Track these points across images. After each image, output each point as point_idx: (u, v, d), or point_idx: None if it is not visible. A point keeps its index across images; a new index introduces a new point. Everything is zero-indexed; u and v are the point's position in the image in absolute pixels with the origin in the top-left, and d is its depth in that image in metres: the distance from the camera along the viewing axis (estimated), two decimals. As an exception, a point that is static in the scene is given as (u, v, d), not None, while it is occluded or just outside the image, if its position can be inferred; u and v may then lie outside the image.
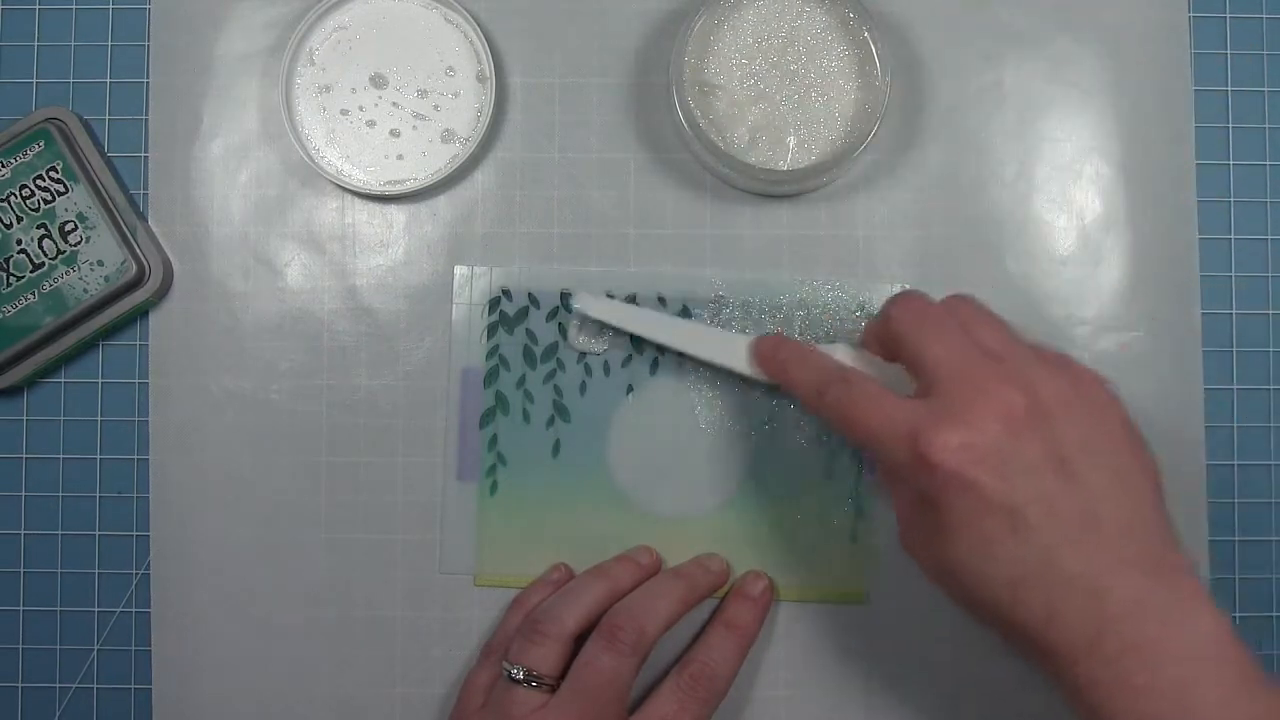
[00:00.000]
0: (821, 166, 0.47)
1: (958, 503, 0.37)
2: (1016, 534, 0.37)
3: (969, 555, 0.38)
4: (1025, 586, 0.37)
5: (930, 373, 0.39)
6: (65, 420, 0.51)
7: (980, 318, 0.41)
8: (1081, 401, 0.39)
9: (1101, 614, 0.36)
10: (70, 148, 0.49)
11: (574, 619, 0.45)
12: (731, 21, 0.48)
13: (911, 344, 0.41)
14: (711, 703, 0.45)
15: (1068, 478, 0.37)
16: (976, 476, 0.37)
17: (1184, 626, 0.36)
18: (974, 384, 0.38)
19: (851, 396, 0.41)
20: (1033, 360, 0.40)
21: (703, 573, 0.48)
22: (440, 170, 0.50)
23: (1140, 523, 0.38)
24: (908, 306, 0.42)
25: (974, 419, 0.37)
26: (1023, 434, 0.37)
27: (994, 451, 0.37)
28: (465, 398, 0.50)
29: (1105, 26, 0.51)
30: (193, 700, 0.50)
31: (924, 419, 0.38)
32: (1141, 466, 0.39)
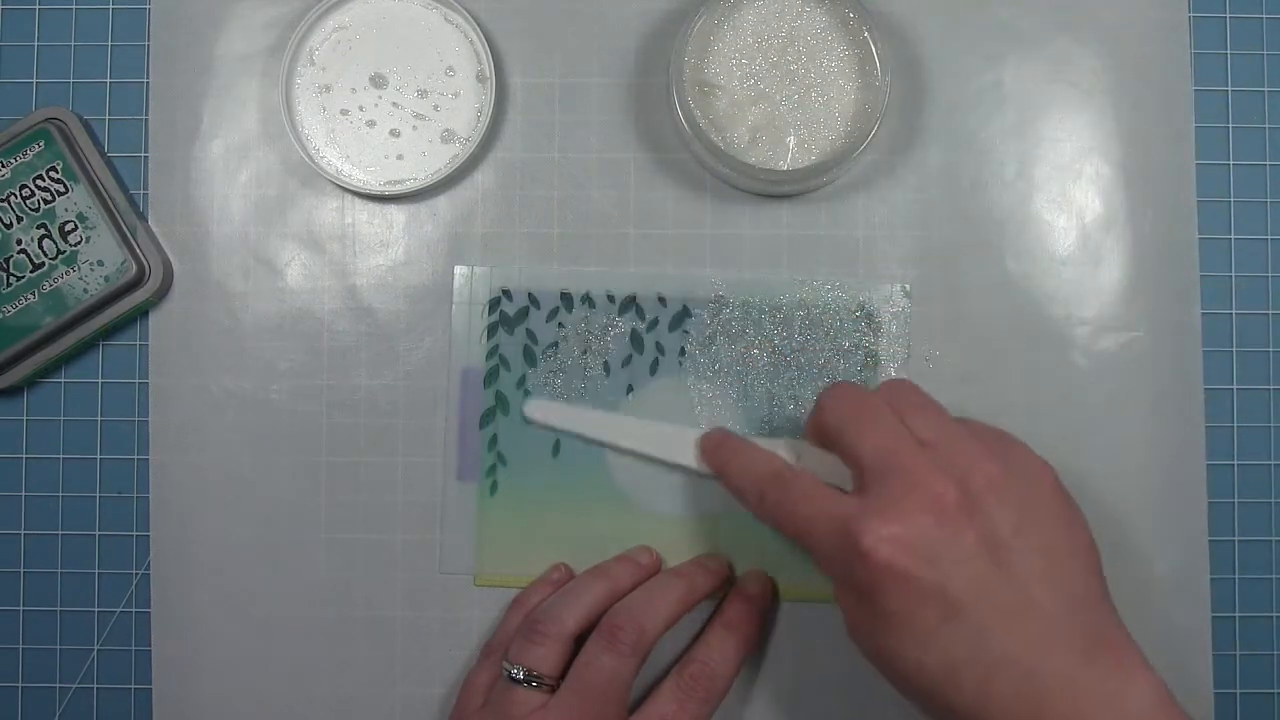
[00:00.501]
0: (821, 166, 0.47)
1: (891, 593, 0.38)
2: (950, 621, 0.37)
3: (905, 644, 0.38)
4: (959, 671, 0.37)
5: (864, 465, 0.40)
6: (65, 420, 0.51)
7: (914, 403, 0.42)
8: (1014, 483, 0.39)
9: (1035, 694, 0.36)
10: (70, 148, 0.49)
11: (574, 619, 0.45)
12: (731, 21, 0.48)
13: (844, 437, 0.41)
14: (711, 703, 0.45)
15: (1000, 564, 0.38)
16: (907, 567, 0.37)
17: (1119, 703, 0.36)
18: (906, 475, 0.39)
19: (788, 495, 0.42)
20: (966, 445, 0.40)
21: (703, 573, 0.48)
22: (440, 170, 0.50)
23: (1074, 602, 0.38)
24: (839, 399, 0.42)
25: (905, 511, 0.38)
26: (954, 523, 0.38)
27: (925, 542, 0.38)
28: (465, 398, 0.50)
29: (1105, 26, 0.51)
30: (193, 700, 0.50)
31: (856, 512, 0.39)
32: (1076, 544, 0.39)
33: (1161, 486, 0.50)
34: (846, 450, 0.41)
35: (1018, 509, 0.39)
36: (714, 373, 0.50)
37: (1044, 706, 0.36)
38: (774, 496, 0.43)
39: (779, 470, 0.43)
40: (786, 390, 0.50)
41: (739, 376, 0.50)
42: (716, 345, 0.50)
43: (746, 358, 0.50)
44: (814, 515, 0.40)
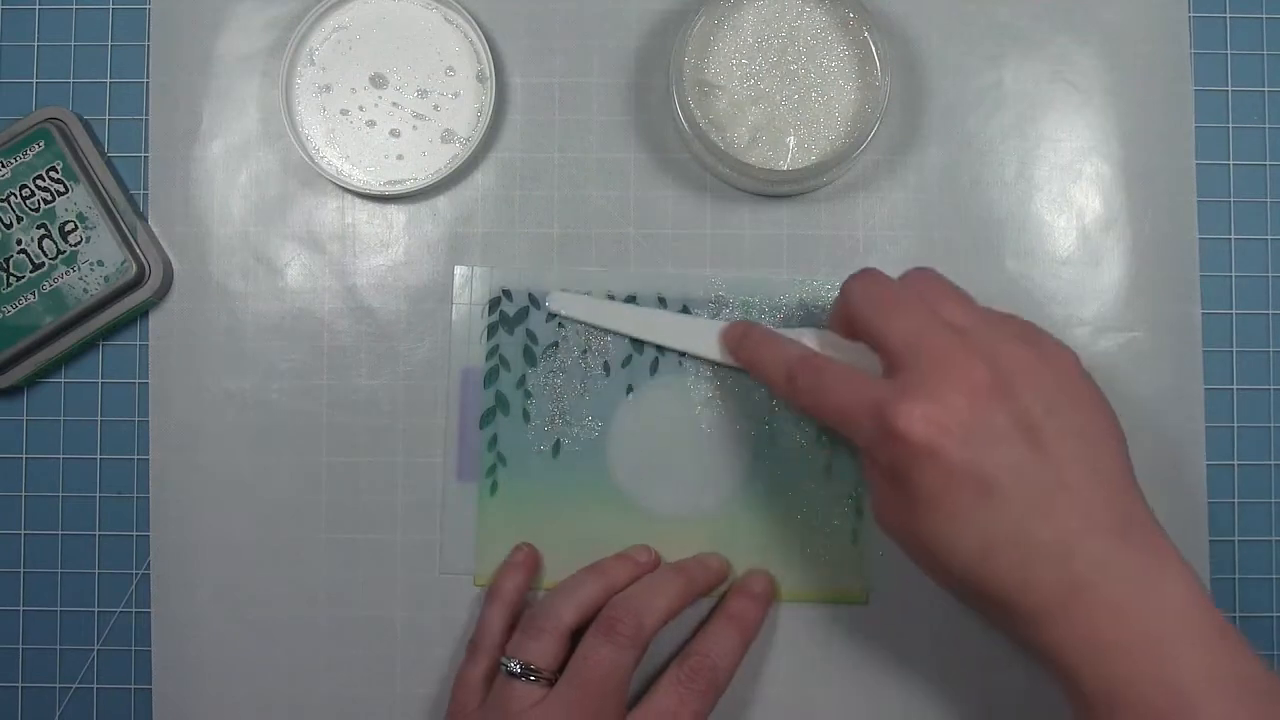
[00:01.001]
0: (821, 166, 0.47)
1: (927, 474, 0.38)
2: (986, 502, 0.37)
3: (940, 525, 0.38)
4: (996, 554, 0.37)
5: (893, 350, 0.40)
6: (65, 420, 0.51)
7: (941, 290, 0.42)
8: (1045, 368, 0.39)
9: (1071, 576, 0.36)
10: (70, 148, 0.49)
11: (571, 613, 0.45)
12: (731, 21, 0.49)
13: (872, 323, 0.41)
14: (711, 696, 0.45)
15: (1035, 445, 0.38)
16: (943, 447, 0.37)
17: (1153, 585, 0.36)
18: (937, 357, 0.39)
19: (819, 379, 0.42)
20: (996, 330, 0.40)
21: (702, 569, 0.48)
22: (440, 170, 0.50)
23: (1107, 485, 0.38)
24: (866, 285, 0.42)
25: (939, 391, 0.38)
26: (988, 404, 0.38)
27: (960, 422, 0.38)
28: (465, 398, 0.50)
29: (1105, 26, 0.51)
30: (193, 700, 0.50)
31: (889, 394, 0.39)
32: (1106, 428, 0.40)
33: (1161, 486, 0.50)
34: (876, 336, 0.41)
35: (1049, 391, 0.39)
36: (714, 373, 0.50)
37: (1079, 588, 0.36)
38: (805, 380, 0.42)
39: (808, 355, 0.43)
40: (786, 390, 0.50)
41: (739, 376, 0.50)
42: (716, 345, 0.50)
43: (746, 358, 0.50)
44: (846, 398, 0.40)
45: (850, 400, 0.40)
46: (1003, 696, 0.49)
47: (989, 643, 0.49)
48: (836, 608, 0.50)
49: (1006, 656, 0.49)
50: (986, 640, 0.49)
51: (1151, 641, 0.36)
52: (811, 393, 0.42)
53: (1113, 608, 0.36)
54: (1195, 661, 0.35)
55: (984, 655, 0.49)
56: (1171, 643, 0.36)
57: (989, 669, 0.49)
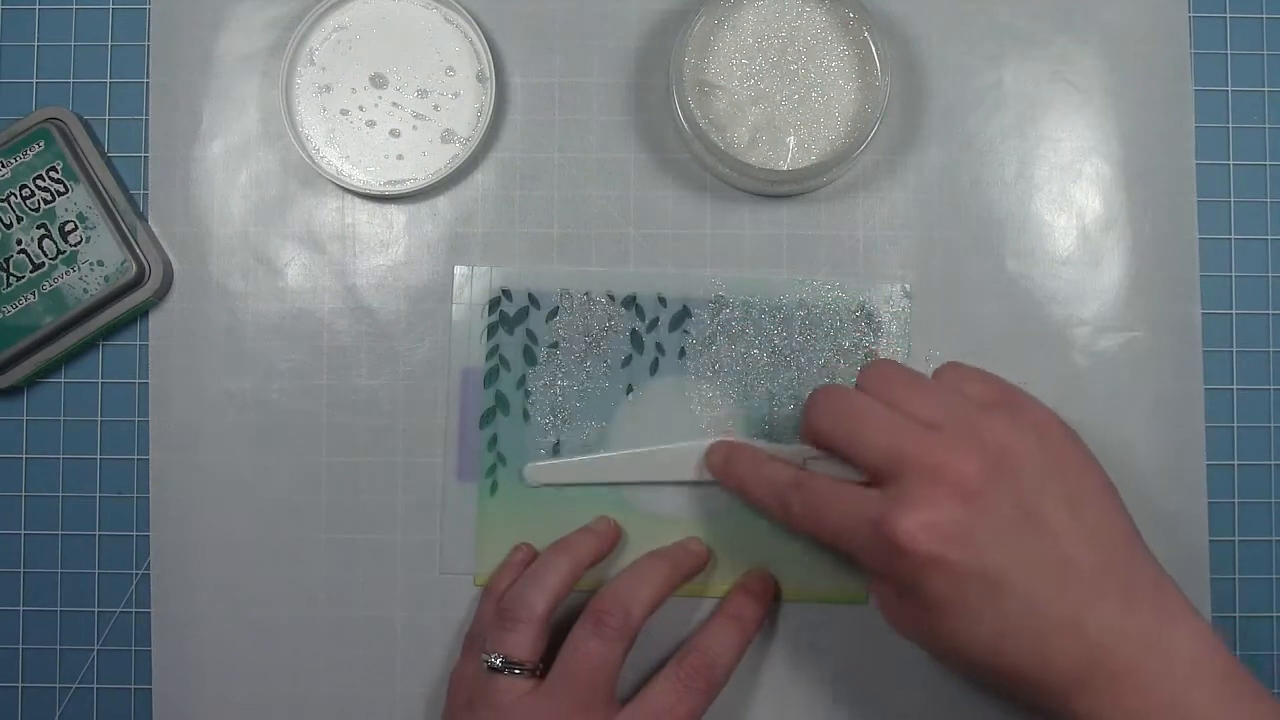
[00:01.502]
0: (821, 166, 0.47)
1: (935, 582, 0.38)
2: (997, 595, 0.38)
3: (955, 626, 0.38)
4: (1013, 640, 0.38)
5: (873, 463, 0.40)
6: (65, 420, 0.51)
7: (900, 382, 0.41)
8: (1027, 439, 0.39)
9: (1085, 647, 0.37)
10: (70, 148, 0.49)
11: (543, 600, 0.45)
12: (731, 21, 0.49)
13: (846, 445, 0.41)
14: (709, 694, 0.45)
15: (1034, 527, 0.38)
16: (946, 553, 0.38)
17: (1165, 646, 0.37)
18: (921, 464, 0.39)
19: (810, 501, 0.42)
20: (970, 415, 0.40)
21: (685, 554, 0.48)
22: (440, 170, 0.50)
23: (1107, 550, 0.39)
24: (829, 406, 0.42)
25: (932, 498, 0.38)
26: (982, 499, 0.38)
27: (958, 524, 0.38)
28: (465, 398, 0.50)
29: (1105, 26, 0.51)
30: (193, 700, 0.50)
31: (884, 509, 0.39)
32: (1096, 488, 0.40)
33: (1161, 486, 0.50)
34: (851, 453, 0.41)
35: (1036, 463, 0.39)
36: (714, 373, 0.50)
37: (1095, 658, 0.37)
38: (798, 507, 0.43)
39: (798, 479, 0.43)
40: (786, 390, 0.50)
41: (739, 376, 0.50)
42: (716, 345, 0.50)
43: (746, 358, 0.50)
44: (843, 519, 0.40)
45: (847, 521, 0.40)
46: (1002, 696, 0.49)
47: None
48: (836, 608, 0.50)
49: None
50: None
51: (1168, 702, 0.36)
52: (807, 519, 0.42)
53: (1129, 673, 0.37)
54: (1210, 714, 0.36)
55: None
56: (1186, 702, 0.36)
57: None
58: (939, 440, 0.39)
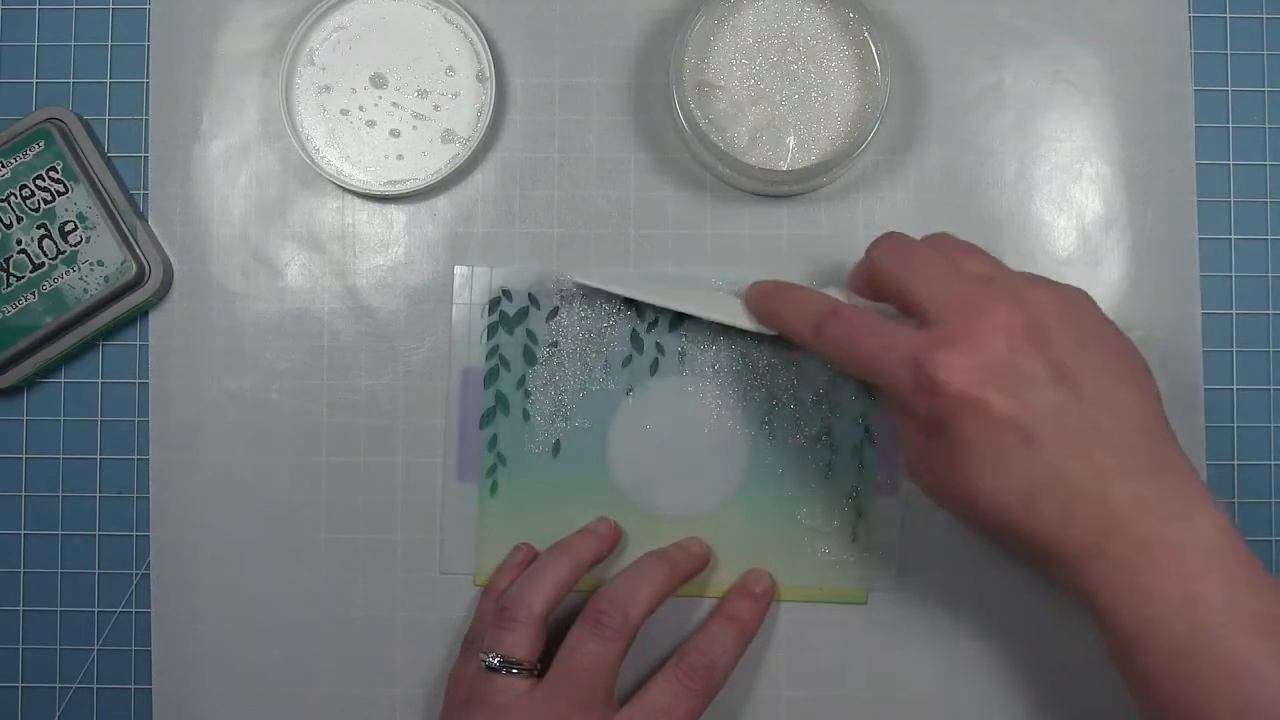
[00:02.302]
0: (821, 166, 0.47)
1: (968, 423, 0.38)
2: (1027, 448, 0.38)
3: (981, 472, 0.39)
4: (1038, 498, 0.38)
5: (923, 304, 0.40)
6: (65, 420, 0.51)
7: (962, 247, 0.43)
8: (1070, 309, 0.40)
9: (1108, 517, 0.37)
10: (70, 148, 0.49)
11: (541, 600, 0.45)
12: (731, 22, 0.49)
13: (899, 280, 0.41)
14: (708, 694, 0.45)
15: (1071, 389, 0.38)
16: (984, 395, 0.38)
17: (1185, 524, 0.37)
18: (970, 307, 0.39)
19: (849, 329, 0.42)
20: (1020, 278, 0.41)
21: (684, 555, 0.48)
22: (440, 170, 0.50)
23: (1140, 426, 0.39)
24: (890, 246, 0.43)
25: (976, 339, 0.38)
26: (1024, 350, 0.39)
27: (999, 370, 0.38)
28: (465, 398, 0.50)
29: (1105, 26, 0.51)
30: (193, 700, 0.50)
31: (926, 344, 0.39)
32: (1134, 368, 0.40)
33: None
34: (904, 296, 0.41)
35: (1079, 336, 0.40)
36: (714, 373, 0.50)
37: (1115, 527, 0.37)
38: (834, 330, 0.42)
39: (836, 306, 0.43)
40: (786, 390, 0.50)
41: (739, 376, 0.50)
42: (716, 345, 0.50)
43: (746, 358, 0.50)
44: (879, 349, 0.40)
45: (883, 351, 0.40)
46: (1002, 696, 0.49)
47: (988, 643, 0.49)
48: (836, 608, 0.50)
49: (1005, 657, 0.49)
50: (985, 641, 0.49)
51: (1182, 579, 0.36)
52: (841, 342, 0.42)
53: (1147, 546, 0.37)
54: (1221, 599, 0.36)
55: (983, 655, 0.49)
56: (1199, 580, 0.36)
57: (988, 669, 0.49)
58: (989, 290, 0.40)
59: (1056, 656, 0.49)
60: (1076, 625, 0.49)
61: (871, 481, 0.50)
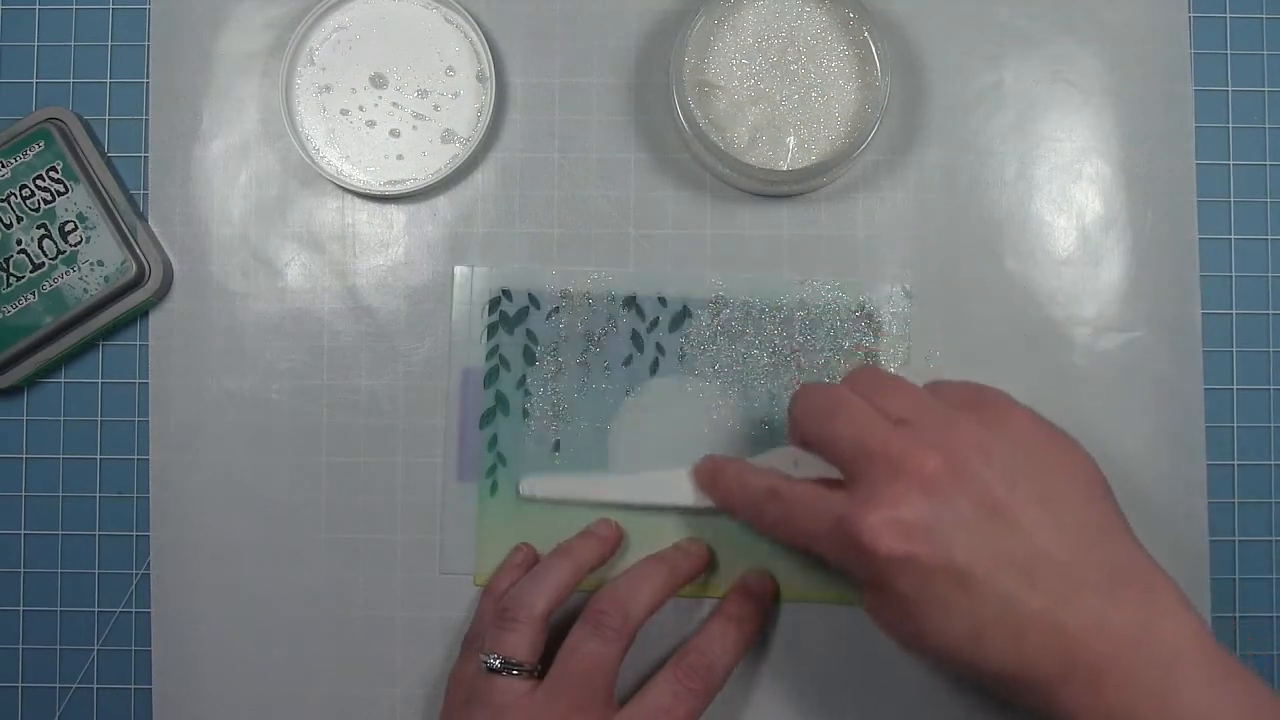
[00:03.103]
0: (821, 166, 0.48)
1: (902, 579, 0.38)
2: (968, 591, 0.37)
3: (928, 623, 0.38)
4: (988, 636, 0.38)
5: (843, 459, 0.40)
6: (65, 420, 0.51)
7: (881, 384, 0.42)
8: (997, 438, 0.39)
9: (1067, 644, 0.37)
10: (70, 148, 0.49)
11: (543, 601, 0.45)
12: (731, 22, 0.49)
13: (818, 435, 0.41)
14: (707, 695, 0.45)
15: (1003, 522, 0.38)
16: (910, 550, 0.38)
17: (1149, 641, 0.37)
18: (886, 458, 0.39)
19: (783, 510, 0.42)
20: (941, 414, 0.40)
21: (684, 557, 0.48)
22: (440, 170, 0.50)
23: (1085, 541, 0.38)
24: (808, 399, 0.42)
25: (893, 494, 0.38)
26: (945, 493, 0.38)
27: (924, 521, 0.38)
28: (465, 398, 0.50)
29: (1105, 26, 0.51)
30: (193, 700, 0.50)
31: (847, 508, 0.39)
32: (1073, 480, 0.40)
33: (1161, 487, 0.50)
34: (825, 448, 0.41)
35: (1005, 462, 0.39)
36: (714, 373, 0.50)
37: (1075, 655, 0.37)
38: (772, 514, 0.43)
39: (773, 486, 0.43)
40: (786, 390, 0.50)
41: (739, 376, 0.50)
42: (716, 345, 0.50)
43: (746, 358, 0.50)
44: (811, 523, 0.41)
45: (814, 523, 0.40)
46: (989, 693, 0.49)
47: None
48: (836, 608, 0.50)
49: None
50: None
51: (1155, 696, 0.36)
52: (779, 525, 0.42)
53: (1112, 669, 0.36)
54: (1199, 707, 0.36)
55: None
56: (1173, 692, 0.36)
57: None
58: (904, 435, 0.39)
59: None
60: None
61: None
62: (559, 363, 0.51)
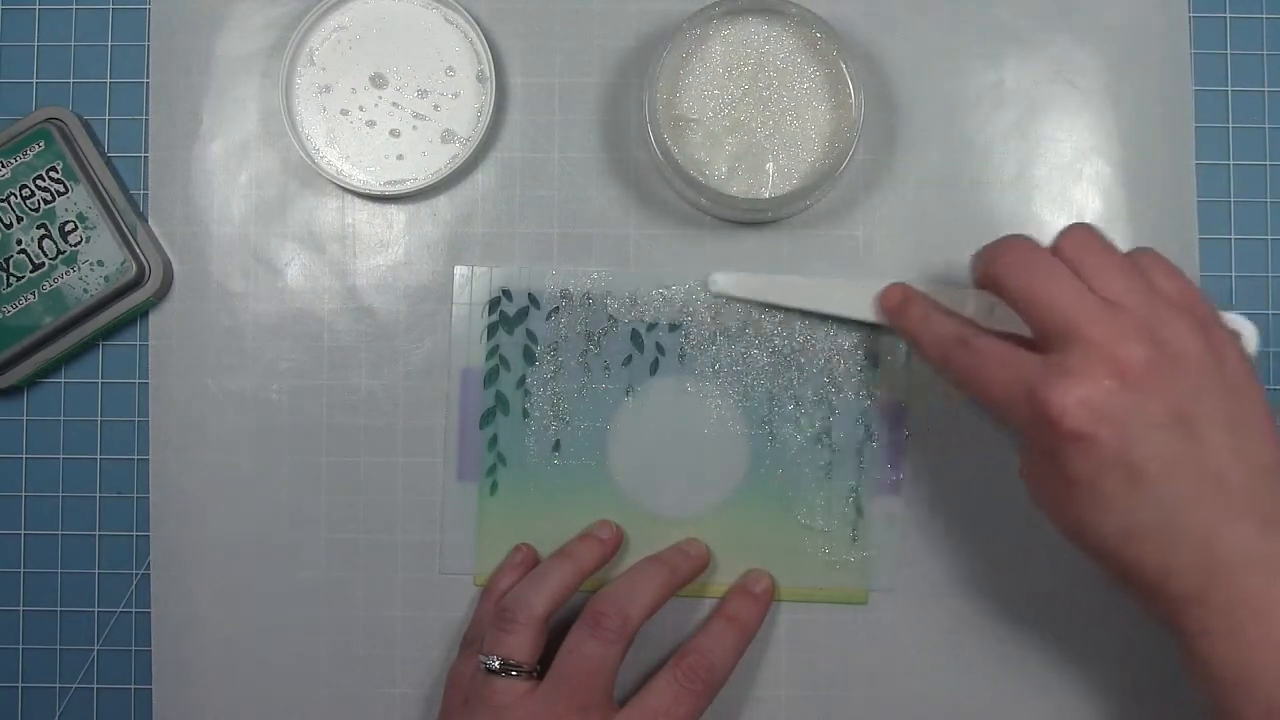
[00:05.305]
0: (804, 191, 0.48)
1: (1078, 459, 0.39)
2: (1135, 490, 0.38)
3: (1088, 507, 0.39)
4: (1141, 539, 0.38)
5: (1044, 329, 0.40)
6: (65, 420, 0.51)
7: (1095, 255, 0.41)
8: (1201, 353, 0.40)
9: (1212, 564, 0.38)
10: (70, 148, 0.50)
11: (543, 603, 0.46)
12: (699, 53, 0.49)
13: (1021, 301, 0.41)
14: (707, 695, 0.46)
15: (1187, 434, 0.38)
16: (1095, 433, 0.38)
17: None
18: (1090, 338, 0.39)
19: (972, 361, 0.42)
20: (1154, 307, 0.40)
21: (683, 557, 0.49)
22: (440, 170, 0.50)
23: (1258, 478, 0.39)
24: (1013, 259, 0.42)
25: (1091, 374, 0.38)
26: (1141, 389, 0.38)
27: (1112, 408, 0.38)
28: (465, 398, 0.51)
29: (1105, 26, 0.51)
30: (193, 700, 0.51)
31: (1041, 375, 0.39)
32: (1259, 418, 0.40)
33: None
34: (1023, 310, 0.41)
35: (1203, 378, 0.39)
36: (714, 373, 0.51)
37: (1220, 577, 0.37)
38: (960, 361, 0.43)
39: (963, 334, 0.43)
40: (786, 390, 0.50)
41: (739, 376, 0.50)
42: (716, 345, 0.51)
43: (746, 358, 0.51)
44: (999, 379, 0.41)
45: (1004, 384, 0.41)
46: (1002, 697, 0.50)
47: (988, 643, 0.50)
48: (836, 608, 0.50)
49: (1005, 657, 0.50)
50: (985, 641, 0.50)
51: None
52: (967, 376, 0.43)
53: (1252, 598, 0.37)
54: None
55: (983, 655, 0.50)
56: None
57: (989, 669, 0.50)
58: (1115, 320, 0.39)
59: (1057, 658, 0.50)
60: (1076, 626, 0.49)
61: (871, 482, 0.50)
62: (559, 363, 0.51)
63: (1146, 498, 0.38)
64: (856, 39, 0.51)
